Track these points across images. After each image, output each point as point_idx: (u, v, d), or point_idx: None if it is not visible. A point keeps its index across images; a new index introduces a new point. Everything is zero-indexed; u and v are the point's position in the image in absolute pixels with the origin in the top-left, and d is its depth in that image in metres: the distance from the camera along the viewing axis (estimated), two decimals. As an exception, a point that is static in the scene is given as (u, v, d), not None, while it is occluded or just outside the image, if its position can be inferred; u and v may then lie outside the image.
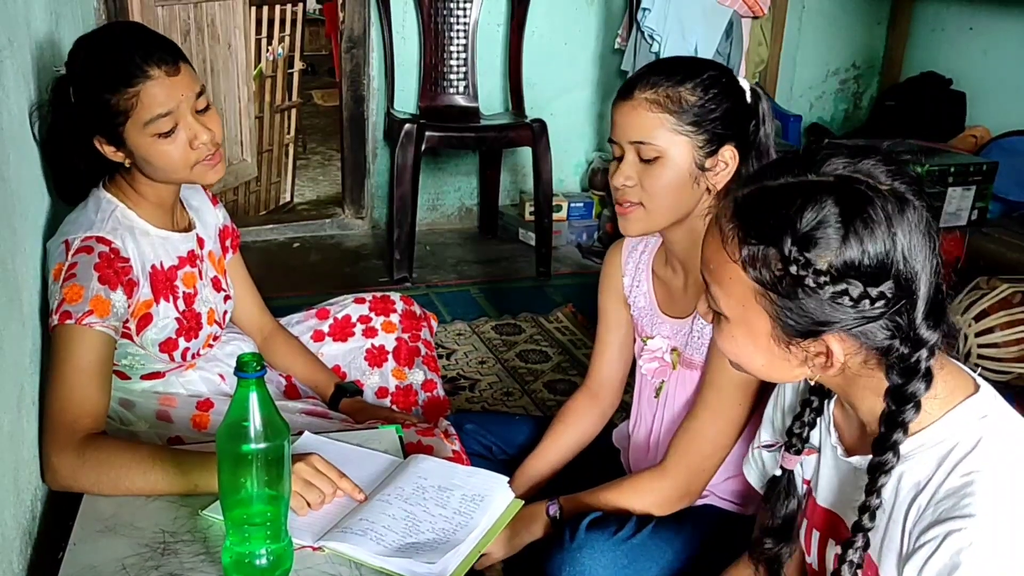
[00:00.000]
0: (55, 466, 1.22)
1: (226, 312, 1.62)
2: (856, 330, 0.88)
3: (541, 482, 1.57)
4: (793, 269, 0.86)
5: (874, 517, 0.92)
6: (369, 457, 1.32)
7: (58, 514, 1.26)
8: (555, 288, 3.27)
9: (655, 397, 1.49)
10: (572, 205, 3.73)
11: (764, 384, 1.28)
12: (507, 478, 1.29)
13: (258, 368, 0.98)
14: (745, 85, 1.34)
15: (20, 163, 1.29)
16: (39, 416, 1.27)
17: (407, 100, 3.56)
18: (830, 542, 1.05)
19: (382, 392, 1.77)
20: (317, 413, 1.59)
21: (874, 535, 0.94)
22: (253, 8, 3.98)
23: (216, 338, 1.58)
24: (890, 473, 0.91)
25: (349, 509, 1.19)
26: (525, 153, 3.47)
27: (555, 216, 3.47)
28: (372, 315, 1.84)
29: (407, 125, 3.11)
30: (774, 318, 0.90)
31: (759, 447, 1.19)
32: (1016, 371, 2.36)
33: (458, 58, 3.53)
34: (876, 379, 0.92)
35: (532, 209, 3.49)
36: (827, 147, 0.91)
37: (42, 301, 1.35)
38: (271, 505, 1.02)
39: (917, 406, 0.89)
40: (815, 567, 1.09)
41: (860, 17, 4.11)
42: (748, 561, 1.19)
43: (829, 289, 0.85)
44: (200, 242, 1.56)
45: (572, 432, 1.61)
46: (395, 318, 1.85)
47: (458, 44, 3.51)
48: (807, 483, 1.09)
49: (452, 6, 3.47)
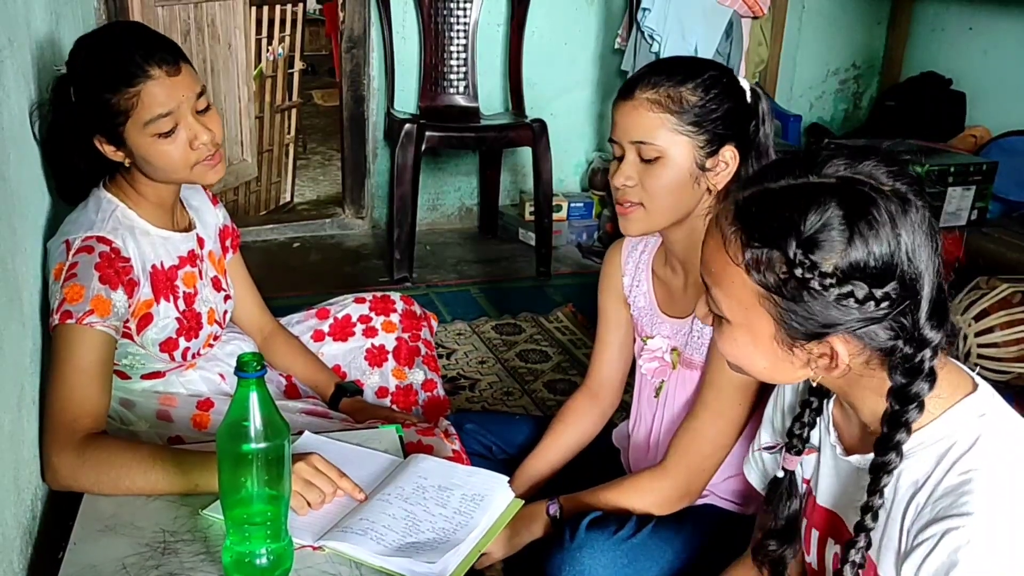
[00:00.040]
0: (55, 465, 1.22)
1: (226, 312, 1.62)
2: (860, 331, 0.87)
3: (541, 482, 1.57)
4: (798, 272, 0.86)
5: (877, 517, 0.92)
6: (369, 457, 1.32)
7: (58, 513, 1.26)
8: (555, 288, 3.27)
9: (655, 397, 1.49)
10: (572, 205, 3.73)
11: (764, 384, 1.28)
12: (507, 478, 1.29)
13: (258, 368, 0.98)
14: (745, 85, 1.34)
15: (20, 163, 1.29)
16: (39, 416, 1.27)
17: (407, 100, 3.56)
18: (829, 541, 1.05)
19: (382, 392, 1.77)
20: (317, 413, 1.59)
21: (873, 534, 0.94)
22: (253, 8, 3.98)
23: (216, 338, 1.58)
24: (893, 473, 0.91)
25: (349, 509, 1.19)
26: (525, 153, 3.47)
27: (555, 216, 3.47)
28: (372, 315, 1.84)
29: (407, 125, 3.11)
30: (778, 321, 0.90)
31: (759, 450, 1.19)
32: (1016, 371, 2.36)
33: (458, 58, 3.52)
34: (877, 379, 0.92)
35: (532, 209, 3.49)
36: (827, 148, 0.91)
37: (42, 301, 1.35)
38: (271, 505, 1.02)
39: (921, 406, 0.89)
40: (814, 566, 1.09)
41: (860, 17, 4.11)
42: (749, 561, 1.19)
43: (834, 291, 0.85)
44: (200, 242, 1.56)
45: (572, 432, 1.61)
46: (395, 318, 1.85)
47: (458, 44, 3.51)
48: (806, 482, 1.09)
49: (452, 6, 3.47)
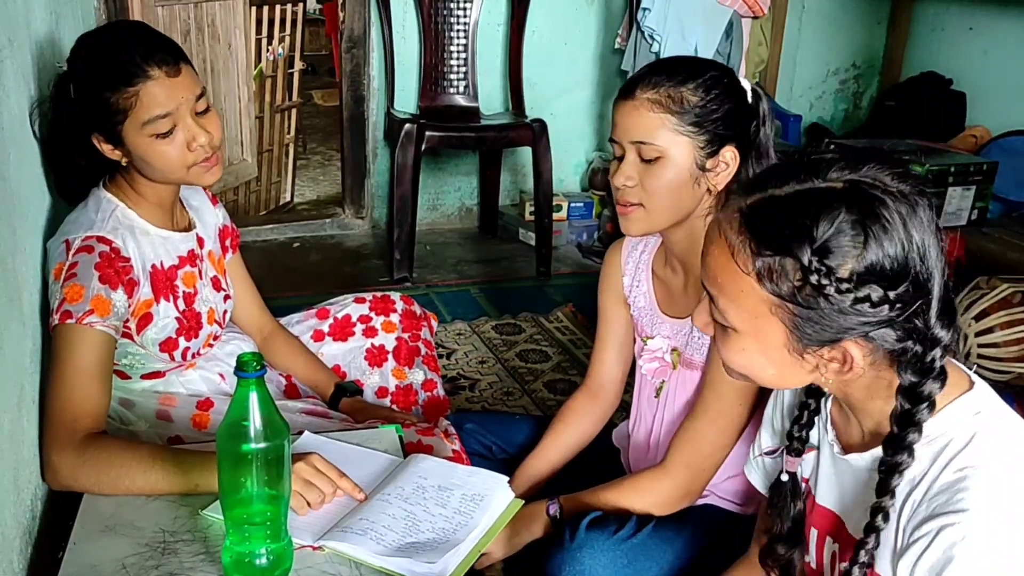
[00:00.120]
0: (55, 465, 1.22)
1: (226, 312, 1.62)
2: (873, 333, 0.87)
3: (541, 482, 1.57)
4: (814, 279, 0.85)
5: (888, 517, 0.91)
6: (369, 457, 1.32)
7: (58, 513, 1.26)
8: (555, 288, 3.27)
9: (655, 397, 1.49)
10: (572, 205, 3.73)
11: (764, 384, 1.27)
12: (507, 478, 1.29)
13: (258, 368, 0.98)
14: (746, 85, 1.34)
15: (20, 162, 1.29)
16: (39, 415, 1.27)
17: (407, 100, 3.56)
18: (828, 540, 1.05)
19: (382, 392, 1.77)
20: (317, 413, 1.59)
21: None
22: (253, 8, 3.98)
23: (216, 338, 1.58)
24: (904, 474, 0.90)
25: (349, 509, 1.19)
26: (525, 153, 3.47)
27: (555, 216, 3.47)
28: (372, 315, 1.84)
29: (407, 125, 3.11)
30: (791, 329, 0.89)
31: (760, 455, 1.19)
32: (1016, 371, 2.36)
33: (458, 58, 3.52)
34: (879, 379, 0.92)
35: (532, 209, 3.49)
36: (828, 151, 0.91)
37: (42, 301, 1.35)
38: (271, 504, 1.02)
39: (932, 405, 0.89)
40: (812, 565, 1.08)
41: (860, 17, 4.11)
42: (749, 561, 1.19)
43: (851, 295, 0.85)
44: (200, 242, 1.56)
45: (572, 432, 1.61)
46: (395, 318, 1.85)
47: (458, 44, 3.51)
48: (805, 481, 1.09)
49: (452, 6, 3.47)
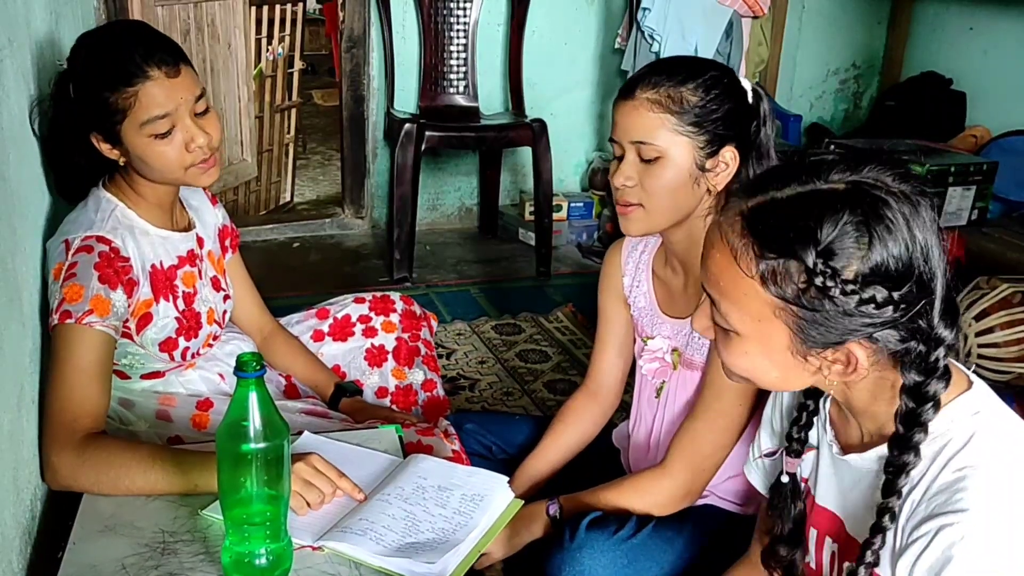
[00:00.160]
0: (55, 465, 1.22)
1: (225, 312, 1.62)
2: (877, 334, 0.87)
3: (541, 482, 1.57)
4: (818, 281, 0.84)
5: (895, 517, 0.91)
6: (369, 457, 1.32)
7: (58, 513, 1.26)
8: (555, 288, 3.27)
9: (656, 397, 1.48)
10: (572, 205, 3.73)
11: (764, 384, 1.27)
12: (507, 478, 1.29)
13: (258, 368, 0.98)
14: (747, 85, 1.33)
15: (20, 162, 1.28)
16: (39, 415, 1.27)
17: (407, 100, 3.56)
18: (828, 540, 1.05)
19: (382, 392, 1.77)
20: (317, 413, 1.59)
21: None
22: (253, 8, 3.98)
23: (216, 337, 1.58)
24: (910, 474, 0.90)
25: (349, 509, 1.19)
26: (525, 153, 3.47)
27: (555, 216, 3.47)
28: (372, 315, 1.84)
29: (407, 125, 3.11)
30: (795, 331, 0.88)
31: (760, 457, 1.19)
32: (1016, 371, 2.36)
33: (458, 58, 3.52)
34: (884, 380, 0.92)
35: (532, 209, 3.49)
36: (828, 152, 0.91)
37: (42, 301, 1.35)
38: (271, 505, 1.02)
39: (937, 405, 0.89)
40: (812, 565, 1.08)
41: (860, 17, 4.11)
42: (749, 562, 1.19)
43: (856, 297, 0.84)
44: (200, 242, 1.56)
45: (572, 432, 1.61)
46: (395, 318, 1.85)
47: (458, 44, 3.51)
48: (804, 481, 1.09)
49: (452, 6, 3.47)
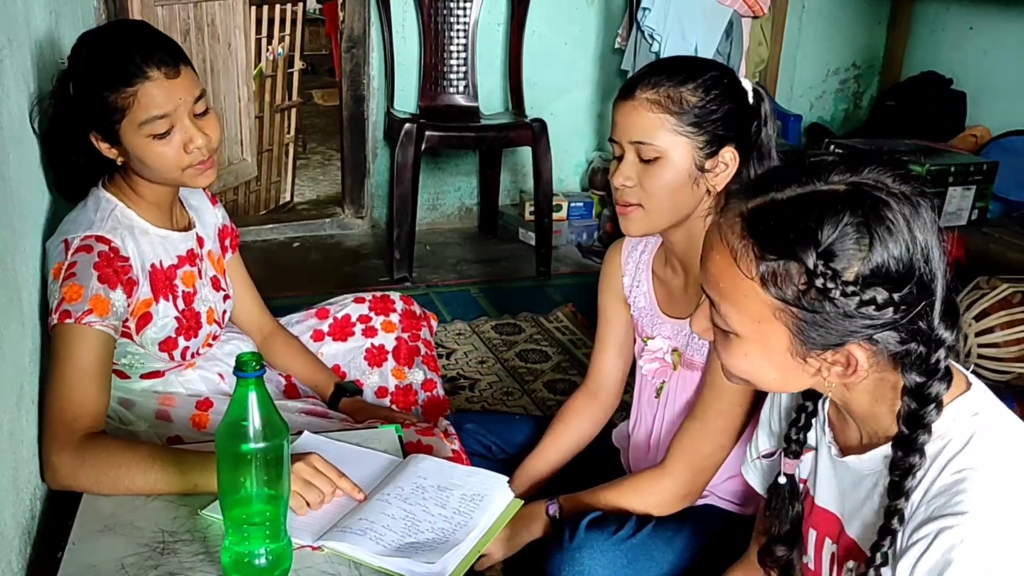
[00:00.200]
0: (55, 465, 1.22)
1: (225, 311, 1.62)
2: (877, 336, 0.87)
3: (541, 482, 1.57)
4: (819, 282, 0.84)
5: (903, 519, 0.91)
6: (369, 457, 1.32)
7: (57, 513, 1.26)
8: (555, 288, 3.27)
9: (656, 397, 1.48)
10: (572, 205, 3.73)
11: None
12: (507, 478, 1.29)
13: (257, 367, 0.98)
14: (748, 86, 1.33)
15: (20, 162, 1.28)
16: (39, 415, 1.27)
17: (407, 100, 3.56)
18: (827, 541, 1.05)
19: (382, 392, 1.77)
20: (317, 413, 1.59)
21: (870, 533, 0.94)
22: (253, 8, 3.98)
23: (215, 337, 1.58)
24: (916, 475, 0.90)
25: (348, 509, 1.19)
26: (525, 153, 3.47)
27: (555, 216, 3.47)
28: (372, 315, 1.84)
29: (407, 125, 3.11)
30: (794, 333, 0.88)
31: (758, 458, 1.19)
32: (1016, 371, 2.35)
33: (458, 58, 3.52)
34: (884, 381, 0.92)
35: (532, 209, 3.49)
36: (828, 153, 0.90)
37: (42, 301, 1.34)
38: (270, 505, 1.02)
39: (939, 406, 0.89)
40: (811, 566, 1.08)
41: (860, 17, 4.11)
42: (749, 562, 1.19)
43: (856, 298, 0.84)
44: (200, 241, 1.56)
45: (572, 432, 1.61)
46: (395, 318, 1.85)
47: (458, 44, 3.51)
48: (803, 482, 1.09)
49: (452, 6, 3.47)
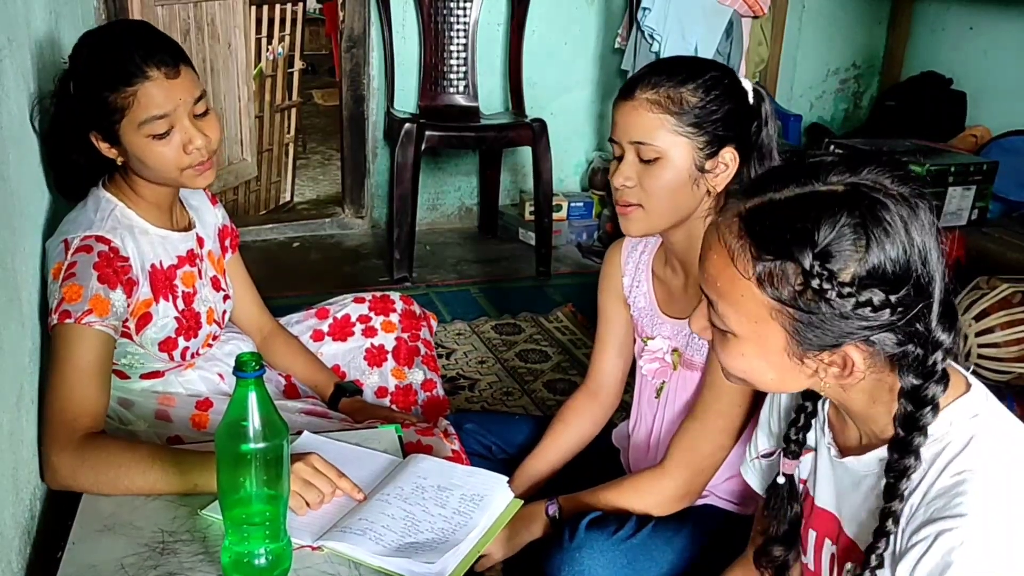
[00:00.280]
0: (54, 465, 1.22)
1: (225, 312, 1.62)
2: (874, 337, 0.87)
3: (541, 482, 1.57)
4: (815, 283, 0.84)
5: (898, 521, 0.90)
6: (368, 457, 1.32)
7: (57, 513, 1.26)
8: (555, 288, 3.27)
9: (656, 398, 1.48)
10: (572, 205, 3.73)
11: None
12: (506, 478, 1.29)
13: (257, 368, 0.98)
14: (748, 86, 1.33)
15: (20, 162, 1.28)
16: (38, 415, 1.27)
17: (407, 100, 3.56)
18: (827, 542, 1.05)
19: (381, 392, 1.77)
20: (316, 413, 1.59)
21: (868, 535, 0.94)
22: (253, 7, 3.98)
23: (215, 337, 1.58)
24: (912, 477, 0.90)
25: (348, 509, 1.19)
26: (525, 153, 3.47)
27: (555, 216, 3.47)
28: (372, 315, 1.84)
29: (407, 125, 3.11)
30: (791, 333, 0.88)
31: (756, 458, 1.19)
32: (1016, 371, 2.35)
33: (458, 58, 3.52)
34: (881, 383, 0.92)
35: (532, 209, 3.49)
36: (828, 153, 0.90)
37: (42, 301, 1.34)
38: (270, 505, 1.02)
39: (936, 408, 0.89)
40: (811, 567, 1.08)
41: (860, 17, 4.11)
42: (748, 562, 1.19)
43: (852, 300, 0.84)
44: (200, 241, 1.56)
45: (572, 432, 1.61)
46: (395, 318, 1.85)
47: (458, 44, 3.51)
48: (803, 483, 1.09)
49: (452, 5, 3.47)
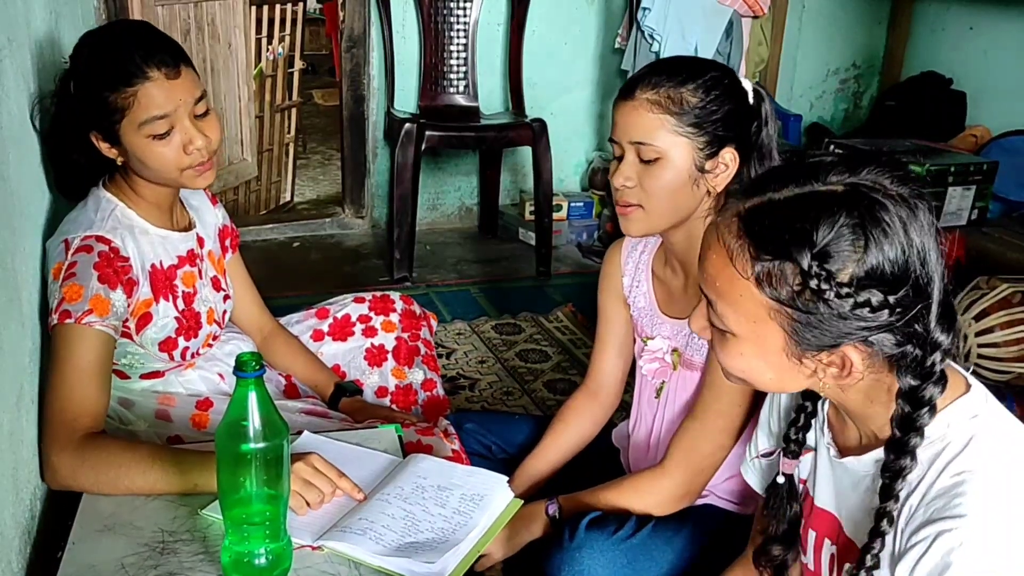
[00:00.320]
0: (55, 465, 1.22)
1: (225, 312, 1.62)
2: (872, 338, 0.87)
3: (541, 481, 1.57)
4: (813, 283, 0.84)
5: (892, 521, 0.91)
6: (368, 456, 1.32)
7: (57, 513, 1.26)
8: (555, 288, 3.27)
9: (656, 398, 1.49)
10: (572, 205, 3.73)
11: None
12: (506, 477, 1.29)
13: (257, 367, 0.98)
14: (748, 86, 1.33)
15: (20, 162, 1.28)
16: (39, 415, 1.27)
17: (407, 100, 3.56)
18: (826, 542, 1.05)
19: (382, 391, 1.77)
20: (316, 412, 1.59)
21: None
22: (253, 7, 3.98)
23: (215, 337, 1.58)
24: (907, 478, 0.90)
25: (348, 508, 1.19)
26: (525, 153, 3.47)
27: (555, 216, 3.47)
28: (372, 314, 1.84)
29: (407, 124, 3.11)
30: (789, 333, 0.88)
31: (756, 457, 1.19)
32: (1016, 371, 2.35)
33: (458, 58, 3.52)
34: (880, 383, 0.92)
35: (532, 209, 3.49)
36: (827, 153, 0.90)
37: (42, 301, 1.35)
38: (270, 504, 1.02)
39: (933, 409, 0.89)
40: (811, 567, 1.08)
41: (860, 17, 4.11)
42: (748, 562, 1.19)
43: (850, 300, 0.84)
44: (200, 241, 1.56)
45: (572, 431, 1.61)
46: (395, 317, 1.85)
47: (458, 44, 3.51)
48: (803, 483, 1.09)
49: (452, 5, 3.47)
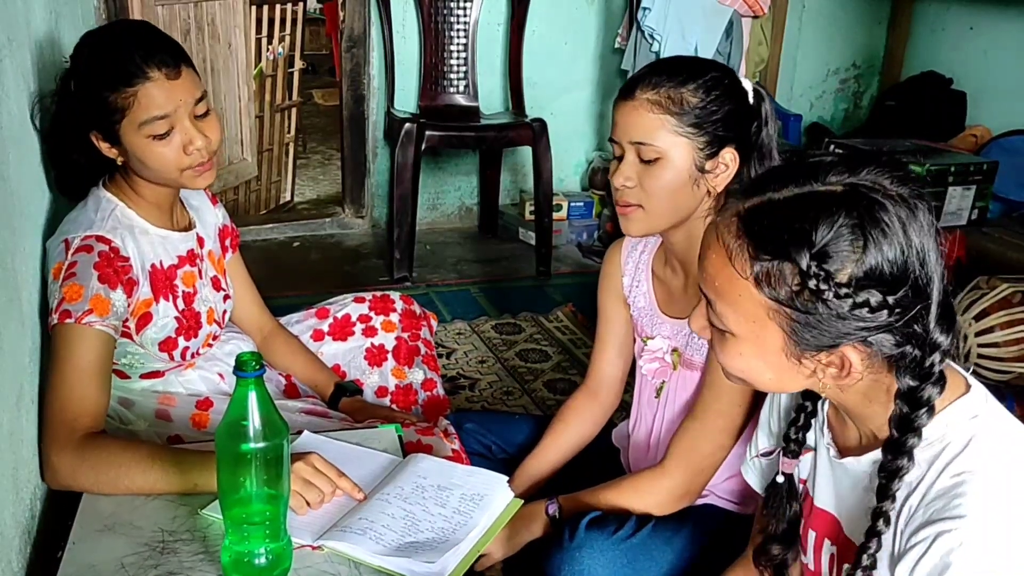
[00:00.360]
0: (55, 465, 1.22)
1: (225, 311, 1.62)
2: (871, 338, 0.87)
3: (541, 481, 1.57)
4: (812, 284, 0.84)
5: (889, 522, 0.91)
6: (368, 456, 1.32)
7: (57, 513, 1.26)
8: (555, 287, 3.27)
9: (656, 397, 1.49)
10: (572, 204, 3.73)
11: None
12: (506, 477, 1.29)
13: (257, 367, 0.98)
14: (748, 86, 1.33)
15: (20, 162, 1.29)
16: (39, 415, 1.27)
17: (407, 99, 3.56)
18: (826, 542, 1.05)
19: (382, 391, 1.77)
20: (317, 412, 1.59)
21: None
22: (253, 7, 3.98)
23: (215, 337, 1.58)
24: (904, 478, 0.90)
25: (348, 508, 1.19)
26: (525, 153, 3.47)
27: (555, 216, 3.47)
28: (372, 314, 1.84)
29: (407, 124, 3.11)
30: (788, 333, 0.88)
31: (756, 456, 1.19)
32: (1016, 371, 2.35)
33: (458, 57, 3.52)
34: (879, 384, 0.92)
35: (532, 208, 3.49)
36: (827, 153, 0.90)
37: (42, 300, 1.35)
38: (270, 504, 1.02)
39: (931, 410, 0.89)
40: (811, 567, 1.08)
41: (860, 17, 4.11)
42: (748, 562, 1.19)
43: (849, 300, 0.84)
44: (200, 241, 1.56)
45: (572, 431, 1.61)
46: (395, 317, 1.85)
47: (458, 43, 3.51)
48: (803, 483, 1.09)
49: (452, 5, 3.47)
